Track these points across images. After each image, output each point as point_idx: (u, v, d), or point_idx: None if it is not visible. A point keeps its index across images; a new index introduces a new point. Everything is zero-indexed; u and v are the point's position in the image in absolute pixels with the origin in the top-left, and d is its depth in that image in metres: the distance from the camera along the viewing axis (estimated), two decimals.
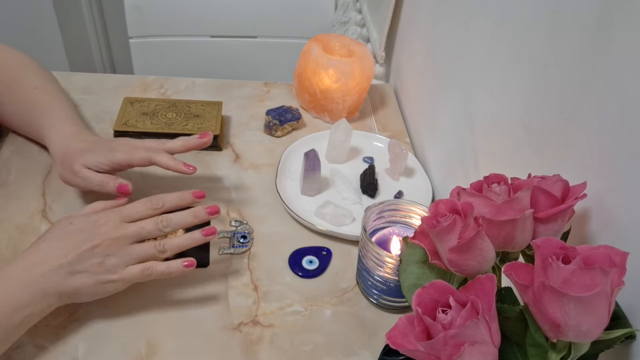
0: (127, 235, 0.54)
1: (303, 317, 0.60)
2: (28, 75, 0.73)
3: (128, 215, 0.56)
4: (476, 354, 0.34)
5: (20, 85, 0.72)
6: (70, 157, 0.64)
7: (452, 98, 0.75)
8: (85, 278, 0.52)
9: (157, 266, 0.55)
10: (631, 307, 0.39)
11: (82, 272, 0.52)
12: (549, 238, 0.36)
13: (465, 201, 0.41)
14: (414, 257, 0.49)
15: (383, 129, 0.92)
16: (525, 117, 0.54)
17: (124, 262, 0.54)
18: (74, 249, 0.52)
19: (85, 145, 0.65)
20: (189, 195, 0.58)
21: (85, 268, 0.52)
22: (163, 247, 0.55)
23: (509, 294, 0.42)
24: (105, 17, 1.89)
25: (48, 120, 0.69)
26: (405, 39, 0.99)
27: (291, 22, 1.43)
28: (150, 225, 0.55)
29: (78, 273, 0.52)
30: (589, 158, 0.44)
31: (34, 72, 0.74)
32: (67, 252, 0.52)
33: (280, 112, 0.86)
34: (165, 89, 0.94)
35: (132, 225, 0.55)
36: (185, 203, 0.59)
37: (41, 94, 0.71)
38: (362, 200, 0.76)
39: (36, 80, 0.73)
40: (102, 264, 0.53)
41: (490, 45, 0.63)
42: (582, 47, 0.45)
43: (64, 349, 0.54)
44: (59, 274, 0.51)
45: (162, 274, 0.55)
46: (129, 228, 0.55)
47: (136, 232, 0.55)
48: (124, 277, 0.54)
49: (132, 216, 0.56)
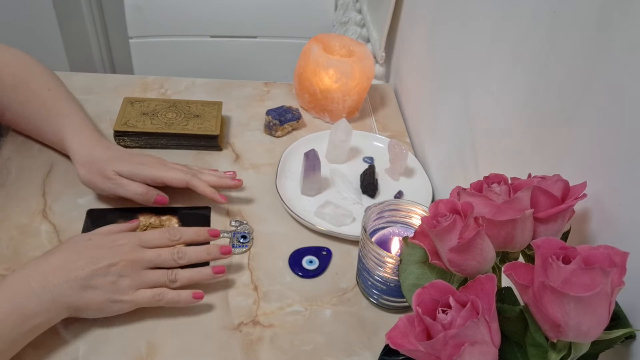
0: (143, 259, 0.56)
1: (303, 317, 0.60)
2: (36, 76, 0.73)
3: (146, 241, 0.58)
4: (476, 354, 0.34)
5: (30, 86, 0.72)
6: (99, 162, 0.66)
7: (452, 98, 0.75)
8: (96, 294, 0.53)
9: (167, 293, 0.56)
10: (631, 307, 0.39)
11: (94, 287, 0.53)
12: (549, 238, 0.36)
13: (465, 201, 0.41)
14: (414, 257, 0.49)
15: (383, 129, 0.92)
16: (525, 117, 0.54)
17: (136, 284, 0.55)
18: (90, 263, 0.53)
19: (114, 154, 0.67)
20: (204, 233, 0.62)
21: (98, 284, 0.53)
22: (174, 277, 0.57)
23: (509, 294, 0.42)
24: (105, 17, 1.89)
25: (67, 124, 0.70)
26: (405, 39, 0.99)
27: (291, 22, 1.43)
28: (166, 254, 0.57)
29: (91, 288, 0.53)
30: (589, 158, 0.44)
31: (42, 73, 0.74)
32: (84, 265, 0.53)
33: (280, 112, 0.86)
34: (165, 89, 0.94)
35: (150, 251, 0.57)
36: (201, 239, 0.61)
37: (56, 97, 0.72)
38: (362, 200, 0.76)
39: (47, 82, 0.73)
40: (115, 283, 0.54)
41: (490, 45, 0.63)
42: (582, 47, 0.45)
43: (64, 349, 0.54)
44: (73, 286, 0.52)
45: (171, 301, 0.56)
46: (147, 253, 0.57)
47: (152, 259, 0.57)
48: (134, 300, 0.55)
49: (149, 242, 0.58)
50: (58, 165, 0.75)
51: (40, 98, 0.71)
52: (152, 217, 0.69)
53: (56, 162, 0.75)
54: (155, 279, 0.56)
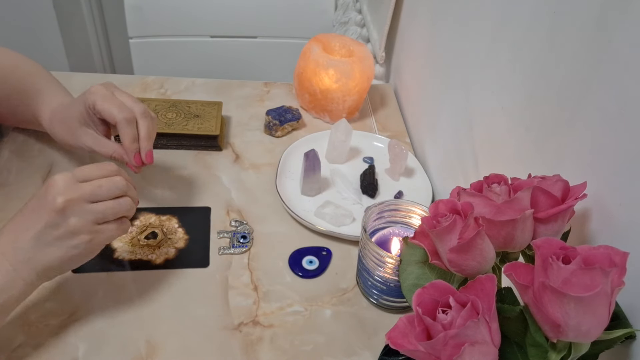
0: (84, 194, 0.51)
1: (303, 317, 0.60)
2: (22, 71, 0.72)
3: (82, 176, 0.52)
4: (476, 354, 0.34)
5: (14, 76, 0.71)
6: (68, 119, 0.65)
7: (452, 98, 0.75)
8: (54, 248, 0.50)
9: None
10: (631, 307, 0.39)
11: (49, 242, 0.49)
12: (549, 238, 0.36)
13: (465, 201, 0.41)
14: (414, 257, 0.49)
15: (383, 129, 0.92)
16: (525, 117, 0.54)
17: (89, 220, 0.50)
18: (35, 222, 0.49)
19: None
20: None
21: (50, 237, 0.49)
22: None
23: (509, 294, 0.42)
24: (105, 17, 1.89)
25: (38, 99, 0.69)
26: (405, 39, 0.99)
27: (291, 22, 1.43)
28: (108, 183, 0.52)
29: (45, 244, 0.49)
30: (589, 158, 0.44)
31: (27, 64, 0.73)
32: (30, 225, 0.49)
33: (280, 112, 0.86)
34: (165, 89, 0.94)
35: (88, 184, 0.52)
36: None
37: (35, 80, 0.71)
38: (362, 201, 0.76)
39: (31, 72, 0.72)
40: (65, 227, 0.49)
41: (490, 45, 0.63)
42: (582, 47, 0.45)
43: (64, 349, 0.54)
44: (26, 249, 0.49)
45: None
46: (85, 187, 0.51)
47: (93, 190, 0.51)
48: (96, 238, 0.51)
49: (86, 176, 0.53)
50: (58, 165, 0.75)
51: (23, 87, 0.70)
52: (152, 216, 0.69)
53: (56, 162, 0.75)
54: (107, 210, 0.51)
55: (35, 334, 0.55)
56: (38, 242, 0.49)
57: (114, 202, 0.52)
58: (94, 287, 0.60)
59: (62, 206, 0.49)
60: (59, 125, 0.67)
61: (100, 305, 0.58)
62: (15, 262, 0.49)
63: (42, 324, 0.56)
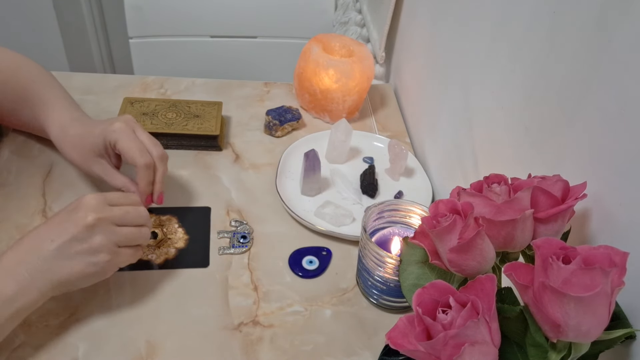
0: (113, 216, 0.54)
1: (303, 317, 0.60)
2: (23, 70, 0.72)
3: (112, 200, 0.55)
4: (476, 354, 0.34)
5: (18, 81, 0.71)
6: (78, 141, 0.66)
7: (452, 98, 0.75)
8: (74, 262, 0.51)
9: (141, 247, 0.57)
10: (631, 307, 0.39)
11: (70, 256, 0.51)
12: (549, 238, 0.36)
13: (465, 201, 0.41)
14: (414, 257, 0.49)
15: (383, 129, 0.92)
16: (525, 117, 0.54)
17: (111, 242, 0.53)
18: (60, 234, 0.51)
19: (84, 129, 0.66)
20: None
21: (72, 251, 0.51)
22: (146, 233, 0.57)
23: (509, 294, 0.42)
24: (105, 17, 1.89)
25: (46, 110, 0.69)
26: (405, 39, 0.99)
27: (291, 22, 1.43)
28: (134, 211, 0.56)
29: (66, 258, 0.51)
30: (589, 158, 0.44)
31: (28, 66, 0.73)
32: (54, 237, 0.51)
33: (280, 112, 0.86)
34: (165, 89, 0.94)
35: (117, 208, 0.55)
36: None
37: (40, 86, 0.71)
38: (362, 201, 0.76)
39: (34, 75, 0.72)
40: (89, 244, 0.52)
41: (490, 45, 0.63)
42: (582, 47, 0.45)
43: (64, 349, 0.54)
44: (47, 260, 0.50)
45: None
46: (114, 210, 0.54)
47: (121, 215, 0.54)
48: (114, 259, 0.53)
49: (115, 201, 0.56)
50: (58, 165, 0.75)
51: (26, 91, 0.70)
52: (152, 216, 0.69)
53: (56, 162, 0.75)
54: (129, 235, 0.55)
55: (35, 334, 0.55)
56: (60, 254, 0.51)
57: (136, 229, 0.56)
58: (94, 287, 0.60)
59: (93, 223, 0.52)
60: (71, 149, 0.67)
61: (100, 305, 0.58)
62: (34, 271, 0.50)
63: (42, 324, 0.56)
